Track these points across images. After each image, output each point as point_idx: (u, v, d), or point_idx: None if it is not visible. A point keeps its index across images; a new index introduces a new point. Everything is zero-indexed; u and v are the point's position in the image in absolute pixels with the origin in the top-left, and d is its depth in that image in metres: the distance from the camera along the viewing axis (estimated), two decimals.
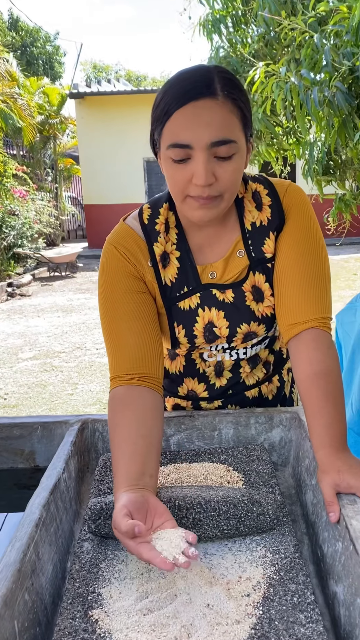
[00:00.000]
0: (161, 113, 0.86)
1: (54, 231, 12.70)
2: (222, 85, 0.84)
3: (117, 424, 0.90)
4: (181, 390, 1.19)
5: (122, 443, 0.86)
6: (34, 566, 0.69)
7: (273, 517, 0.83)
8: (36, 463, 1.12)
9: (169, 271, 1.02)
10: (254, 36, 3.50)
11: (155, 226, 1.01)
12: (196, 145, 0.83)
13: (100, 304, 1.01)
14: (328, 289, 1.00)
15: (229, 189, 0.89)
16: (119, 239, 1.02)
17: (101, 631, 0.66)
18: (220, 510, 0.81)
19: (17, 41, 22.39)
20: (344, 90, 2.60)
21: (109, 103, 12.30)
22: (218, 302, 1.03)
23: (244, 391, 1.16)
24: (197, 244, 1.03)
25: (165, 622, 0.67)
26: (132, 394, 0.93)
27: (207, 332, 1.04)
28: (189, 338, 1.05)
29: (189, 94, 0.83)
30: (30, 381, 4.50)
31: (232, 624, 0.65)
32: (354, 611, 0.64)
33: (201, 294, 1.03)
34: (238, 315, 1.03)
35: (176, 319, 1.04)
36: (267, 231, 1.01)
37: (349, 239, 10.07)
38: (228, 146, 0.85)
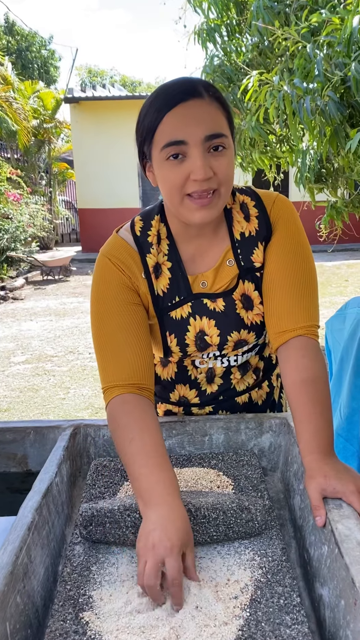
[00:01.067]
0: (150, 122, 0.89)
1: (48, 235, 12.68)
2: (206, 88, 0.89)
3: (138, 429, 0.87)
4: (173, 396, 1.20)
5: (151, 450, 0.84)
6: (26, 569, 0.71)
7: (262, 523, 0.84)
8: (28, 467, 1.13)
9: (161, 282, 1.04)
10: (248, 45, 3.54)
11: (147, 238, 1.03)
12: (191, 141, 0.86)
13: (94, 314, 1.01)
14: (315, 298, 1.02)
15: (225, 182, 0.91)
16: (114, 251, 1.03)
17: (92, 633, 0.67)
18: (210, 518, 0.82)
19: (13, 45, 22.43)
20: (336, 100, 2.64)
21: (104, 108, 12.33)
22: (209, 311, 1.05)
23: (234, 397, 1.18)
24: (188, 254, 1.05)
25: (155, 624, 0.68)
26: (139, 404, 0.92)
27: (199, 341, 1.06)
28: (180, 347, 1.07)
29: (177, 97, 0.87)
30: (22, 385, 4.50)
31: (220, 626, 0.67)
32: (338, 613, 0.65)
33: (192, 303, 1.05)
34: (228, 323, 1.05)
35: (168, 328, 1.06)
36: (255, 241, 1.04)
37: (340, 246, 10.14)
38: (221, 139, 0.88)
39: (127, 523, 0.82)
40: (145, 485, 0.79)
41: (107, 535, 0.83)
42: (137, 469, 0.82)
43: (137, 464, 0.83)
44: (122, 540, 0.83)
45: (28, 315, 7.29)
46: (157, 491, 0.78)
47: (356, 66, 2.45)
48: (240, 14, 3.67)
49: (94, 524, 0.83)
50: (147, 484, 0.79)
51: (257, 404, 1.22)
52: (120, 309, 0.99)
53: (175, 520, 0.74)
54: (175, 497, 0.78)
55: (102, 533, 0.83)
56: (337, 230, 4.18)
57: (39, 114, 13.22)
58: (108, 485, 0.98)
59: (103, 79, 27.53)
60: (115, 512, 0.82)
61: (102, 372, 0.98)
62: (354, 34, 2.46)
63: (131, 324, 0.99)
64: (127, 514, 0.82)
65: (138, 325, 0.99)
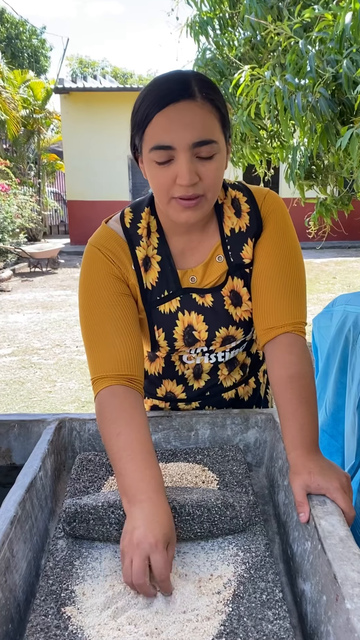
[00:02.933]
0: (141, 118, 0.87)
1: (36, 226, 12.58)
2: (200, 88, 0.86)
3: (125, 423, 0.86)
4: (159, 391, 1.20)
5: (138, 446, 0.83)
6: (7, 563, 0.70)
7: (245, 520, 0.84)
8: (12, 461, 1.12)
9: (150, 275, 1.03)
10: (241, 39, 3.52)
11: (137, 230, 1.02)
12: (178, 146, 0.85)
13: (83, 304, 1.00)
14: (304, 295, 1.02)
15: (211, 188, 0.90)
16: (104, 241, 1.02)
17: (73, 627, 0.67)
18: (195, 515, 0.81)
19: (2, 33, 22.11)
20: (327, 97, 2.64)
21: (95, 99, 12.23)
22: (197, 306, 1.05)
23: (221, 393, 1.18)
24: (178, 249, 1.04)
25: (137, 619, 0.68)
26: (128, 397, 0.91)
27: (187, 336, 1.06)
28: (168, 341, 1.06)
29: (168, 97, 0.84)
30: (7, 378, 4.47)
31: (202, 621, 0.67)
32: (319, 608, 0.66)
33: (181, 298, 1.04)
34: (217, 319, 1.05)
35: (156, 322, 1.05)
36: (245, 237, 1.03)
37: (329, 243, 10.21)
38: (209, 146, 0.86)
39: (111, 520, 0.81)
40: (130, 482, 0.79)
41: (90, 532, 0.82)
42: (123, 464, 0.81)
43: (123, 459, 0.82)
44: (106, 537, 0.83)
45: (15, 307, 7.23)
46: (142, 488, 0.78)
47: (348, 63, 2.45)
48: (233, 7, 3.65)
49: (78, 521, 0.82)
50: (132, 480, 0.79)
51: (243, 399, 1.22)
52: (110, 299, 0.98)
53: (158, 517, 0.74)
54: (160, 494, 0.78)
55: (86, 529, 0.82)
56: (326, 227, 4.19)
57: (29, 104, 13.09)
58: (93, 479, 0.98)
59: (94, 70, 27.29)
60: (99, 509, 0.82)
61: (91, 362, 0.97)
62: (346, 30, 2.46)
63: (121, 315, 0.97)
64: (111, 510, 0.82)
65: (128, 316, 0.98)
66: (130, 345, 0.96)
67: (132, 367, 0.95)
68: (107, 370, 0.94)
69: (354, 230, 10.32)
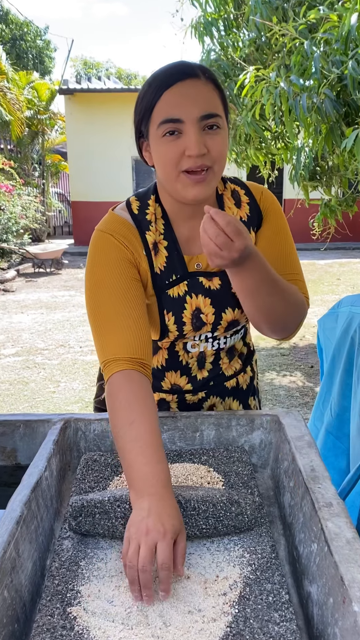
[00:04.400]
0: (149, 99, 0.92)
1: (40, 227, 12.60)
2: (202, 71, 0.94)
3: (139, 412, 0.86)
4: (164, 384, 1.20)
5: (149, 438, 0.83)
6: (13, 563, 0.70)
7: (251, 518, 0.84)
8: (18, 461, 1.12)
9: (159, 259, 1.06)
10: (245, 40, 3.52)
11: (146, 216, 1.05)
12: (187, 119, 0.89)
13: (92, 287, 1.00)
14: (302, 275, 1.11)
15: (218, 160, 0.94)
16: (115, 227, 1.03)
17: (79, 628, 0.67)
18: (200, 510, 0.82)
19: (7, 34, 22.16)
20: (332, 98, 2.63)
21: (99, 100, 12.25)
22: (205, 289, 1.08)
23: (224, 382, 1.21)
24: (183, 235, 1.08)
25: (143, 620, 0.68)
26: (143, 383, 0.91)
27: (195, 319, 1.08)
28: (178, 325, 1.08)
29: (175, 76, 0.91)
30: (12, 378, 4.47)
31: (208, 622, 0.67)
32: (326, 611, 0.65)
33: (188, 282, 1.07)
34: (223, 301, 1.09)
35: (166, 306, 1.07)
36: (247, 226, 1.08)
37: (333, 244, 10.18)
38: (215, 119, 0.92)
39: (117, 514, 0.82)
40: (140, 475, 0.79)
41: (96, 527, 0.83)
42: (134, 456, 0.81)
43: (134, 451, 0.81)
44: (112, 532, 0.83)
45: (19, 307, 7.25)
46: (151, 482, 0.78)
47: (353, 64, 2.45)
48: (237, 8, 3.65)
49: (84, 515, 0.83)
50: (142, 473, 0.79)
51: (242, 388, 1.26)
52: (121, 283, 0.98)
53: (168, 510, 0.75)
54: (169, 489, 0.78)
55: (92, 524, 0.83)
56: (330, 228, 4.19)
57: (33, 105, 13.12)
58: (98, 479, 0.98)
59: (98, 71, 27.33)
60: (105, 503, 0.82)
61: (101, 345, 0.96)
62: (351, 31, 2.46)
63: (133, 298, 0.98)
64: (117, 504, 0.82)
65: (139, 301, 0.99)
66: (142, 329, 0.96)
67: (144, 351, 0.95)
68: (120, 353, 0.93)
69: (359, 231, 10.30)
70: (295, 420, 1.05)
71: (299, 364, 4.61)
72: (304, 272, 1.13)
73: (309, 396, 3.87)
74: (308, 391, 3.98)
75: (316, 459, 0.90)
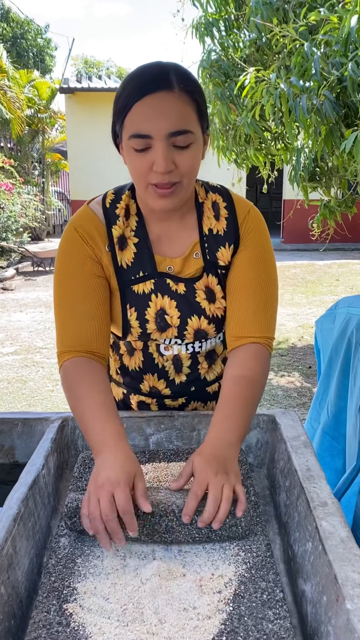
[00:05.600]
0: (122, 106, 0.92)
1: (40, 225, 12.59)
2: (178, 79, 0.90)
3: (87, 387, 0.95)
4: (143, 387, 1.20)
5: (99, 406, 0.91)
6: (10, 560, 0.71)
7: (245, 529, 0.83)
8: (15, 459, 1.12)
9: (126, 254, 1.07)
10: (246, 41, 3.53)
11: (115, 210, 1.06)
12: (155, 136, 0.89)
13: (57, 280, 1.05)
14: (275, 312, 1.09)
15: (187, 175, 0.94)
16: (81, 222, 1.06)
17: (75, 624, 0.67)
18: (193, 520, 0.81)
19: (8, 32, 22.13)
20: (332, 99, 2.64)
21: (99, 99, 12.24)
22: (170, 291, 1.08)
23: (205, 387, 1.21)
24: (156, 234, 1.08)
25: (138, 617, 0.68)
26: (89, 366, 0.99)
27: (159, 319, 1.08)
28: (140, 322, 1.08)
29: (147, 87, 0.88)
30: (10, 376, 4.48)
31: (203, 619, 0.67)
32: (320, 609, 0.66)
33: (155, 281, 1.07)
34: (189, 307, 1.09)
35: (129, 301, 1.08)
36: (223, 241, 1.08)
37: (332, 245, 10.18)
38: (185, 136, 0.90)
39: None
40: (95, 437, 0.87)
41: None
42: (88, 422, 0.90)
43: (85, 419, 0.90)
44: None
45: (18, 306, 7.25)
46: (102, 439, 0.86)
47: (353, 66, 2.45)
48: (238, 9, 3.66)
49: (79, 516, 0.83)
50: (96, 435, 0.87)
51: None
52: (81, 280, 1.03)
53: (119, 460, 0.82)
54: (121, 442, 0.86)
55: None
56: (330, 229, 4.19)
57: (34, 104, 13.09)
58: None
59: (99, 70, 27.30)
60: None
61: (59, 336, 1.04)
62: (351, 33, 2.46)
63: (91, 294, 1.03)
64: None
65: (97, 296, 1.03)
66: (96, 325, 1.02)
67: (96, 344, 1.02)
68: (72, 346, 1.01)
69: (358, 232, 10.31)
70: (292, 420, 1.05)
71: (297, 365, 4.62)
72: (303, 273, 1.14)
73: (307, 397, 3.88)
74: (306, 392, 3.99)
75: (312, 459, 0.90)
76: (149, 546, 0.82)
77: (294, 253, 11.34)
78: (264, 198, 15.21)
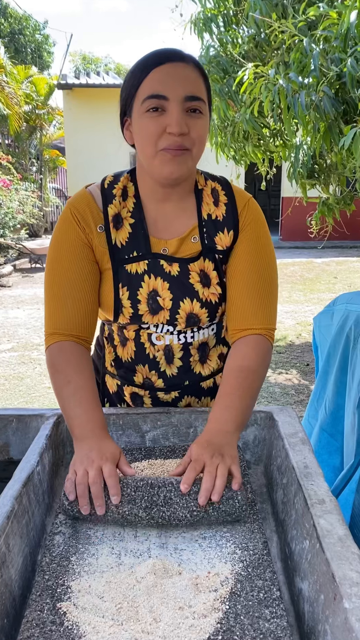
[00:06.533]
0: (137, 75, 0.96)
1: (37, 222, 12.56)
2: (190, 58, 0.98)
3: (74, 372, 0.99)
4: (137, 379, 1.19)
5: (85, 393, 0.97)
6: (3, 558, 0.70)
7: (242, 503, 0.84)
8: (10, 455, 1.11)
9: (121, 234, 1.07)
10: (245, 37, 3.51)
11: (112, 190, 1.08)
12: (171, 97, 0.93)
13: (48, 264, 1.08)
14: (276, 303, 1.11)
15: (197, 143, 0.97)
16: (75, 202, 1.08)
17: (69, 623, 0.66)
18: (191, 490, 0.82)
19: (6, 28, 22.03)
20: (331, 96, 2.63)
21: (97, 95, 12.20)
22: (164, 273, 1.08)
23: (199, 382, 1.20)
24: (152, 217, 1.09)
25: (133, 616, 0.67)
26: (76, 350, 1.03)
27: (151, 300, 1.08)
28: (132, 302, 1.08)
29: (166, 55, 0.96)
30: (7, 373, 4.47)
31: (199, 618, 0.67)
32: (317, 607, 0.65)
33: (149, 262, 1.08)
34: (182, 290, 1.09)
35: (121, 280, 1.08)
36: (221, 226, 1.09)
37: (330, 243, 10.19)
38: (199, 102, 0.95)
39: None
40: (79, 422, 0.93)
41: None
42: (73, 408, 0.95)
43: (72, 404, 0.95)
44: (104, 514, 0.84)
45: (15, 302, 7.23)
46: (89, 427, 0.92)
47: (352, 62, 2.44)
48: (237, 4, 3.64)
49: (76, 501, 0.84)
50: (81, 421, 0.93)
51: None
52: (72, 263, 1.05)
53: (107, 445, 0.90)
54: (105, 431, 0.93)
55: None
56: (328, 227, 4.19)
57: (32, 100, 13.05)
58: None
59: (97, 67, 27.20)
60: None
61: (47, 318, 1.07)
62: (351, 29, 2.45)
63: (81, 279, 1.05)
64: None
65: (87, 281, 1.06)
66: (83, 309, 1.05)
67: (82, 328, 1.05)
68: (59, 328, 1.05)
69: (356, 230, 10.30)
70: (289, 417, 1.05)
71: (295, 362, 4.62)
72: (301, 271, 1.14)
73: (305, 394, 3.87)
74: (304, 389, 3.98)
75: (309, 456, 0.89)
76: (144, 544, 0.82)
77: (292, 250, 11.34)
78: (262, 195, 15.20)
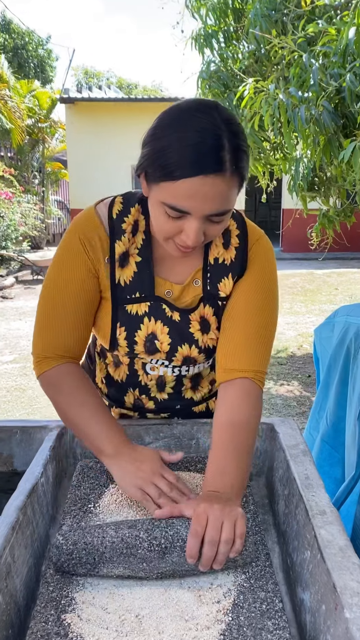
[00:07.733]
0: (165, 168, 0.82)
1: (40, 234, 12.61)
2: (232, 158, 0.81)
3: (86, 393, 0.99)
4: (127, 398, 1.18)
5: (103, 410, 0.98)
6: (8, 568, 0.70)
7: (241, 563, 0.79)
8: (14, 467, 1.12)
9: (126, 272, 1.01)
10: (245, 52, 3.57)
11: (122, 224, 1.00)
12: (195, 214, 0.84)
13: (46, 281, 1.03)
14: (271, 346, 1.03)
15: (211, 240, 0.94)
16: (85, 227, 1.00)
17: (73, 635, 0.67)
18: None
19: (9, 43, 22.32)
20: (330, 110, 2.67)
21: (100, 109, 12.33)
22: (165, 317, 1.03)
23: (191, 407, 1.18)
24: (160, 255, 1.03)
25: (137, 627, 0.68)
26: (83, 373, 1.03)
27: (148, 343, 1.04)
28: (128, 342, 1.04)
29: (199, 165, 0.79)
30: (9, 385, 4.47)
31: (202, 630, 0.67)
32: (319, 618, 0.66)
33: (151, 304, 1.02)
34: (181, 336, 1.04)
35: (120, 319, 1.03)
36: (227, 271, 1.03)
37: (331, 254, 10.19)
38: (223, 216, 0.87)
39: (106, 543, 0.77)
40: (109, 440, 0.94)
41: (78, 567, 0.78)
42: (96, 427, 0.95)
43: (94, 423, 0.96)
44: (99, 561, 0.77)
45: (17, 314, 7.25)
46: (121, 442, 0.95)
47: (351, 77, 2.48)
48: (237, 20, 3.70)
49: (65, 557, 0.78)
50: (110, 438, 0.94)
51: (212, 412, 1.18)
52: (74, 292, 1.00)
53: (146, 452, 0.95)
54: (130, 441, 0.97)
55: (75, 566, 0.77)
56: (328, 238, 4.21)
57: (34, 113, 13.18)
58: (93, 487, 0.98)
59: (99, 81, 27.49)
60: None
61: (38, 338, 1.03)
62: (349, 45, 2.49)
63: (80, 307, 1.01)
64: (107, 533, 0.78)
65: (86, 309, 1.02)
66: (79, 334, 1.03)
67: (77, 351, 1.04)
68: (52, 351, 1.01)
69: (356, 241, 10.33)
70: (290, 428, 1.05)
71: (297, 374, 4.62)
72: (302, 282, 1.11)
73: (306, 405, 3.87)
74: (305, 400, 3.98)
75: (310, 467, 0.90)
76: None
77: (293, 262, 11.37)
78: (263, 207, 15.28)
